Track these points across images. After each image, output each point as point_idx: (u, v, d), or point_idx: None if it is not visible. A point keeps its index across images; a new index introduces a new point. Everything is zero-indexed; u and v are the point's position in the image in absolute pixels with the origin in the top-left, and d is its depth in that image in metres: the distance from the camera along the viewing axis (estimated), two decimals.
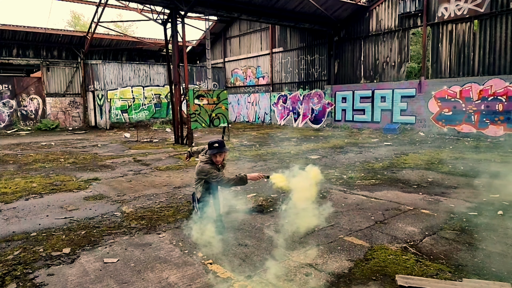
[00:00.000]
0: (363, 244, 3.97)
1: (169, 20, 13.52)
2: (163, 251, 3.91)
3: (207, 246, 3.99)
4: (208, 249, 3.92)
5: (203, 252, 3.85)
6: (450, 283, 3.14)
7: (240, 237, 4.27)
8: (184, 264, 3.60)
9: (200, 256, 3.76)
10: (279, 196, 5.83)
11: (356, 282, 3.18)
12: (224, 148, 4.39)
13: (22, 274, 3.45)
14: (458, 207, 5.25)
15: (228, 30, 25.30)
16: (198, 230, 4.28)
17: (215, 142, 4.37)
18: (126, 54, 25.04)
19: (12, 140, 16.37)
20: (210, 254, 3.80)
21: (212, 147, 4.36)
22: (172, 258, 3.73)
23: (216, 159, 4.38)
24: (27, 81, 21.60)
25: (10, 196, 6.32)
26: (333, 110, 18.97)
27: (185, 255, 3.81)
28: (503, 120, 13.02)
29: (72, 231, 4.60)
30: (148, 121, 22.56)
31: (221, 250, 3.90)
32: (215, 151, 4.33)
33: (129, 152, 11.75)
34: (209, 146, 4.41)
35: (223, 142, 4.46)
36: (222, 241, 4.12)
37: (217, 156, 4.38)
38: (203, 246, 4.01)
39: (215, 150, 4.34)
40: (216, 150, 4.34)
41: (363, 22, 17.32)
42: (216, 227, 4.37)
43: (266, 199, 5.79)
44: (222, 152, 4.38)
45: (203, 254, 3.81)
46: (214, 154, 4.34)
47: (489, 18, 13.20)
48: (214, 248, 3.94)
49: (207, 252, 3.86)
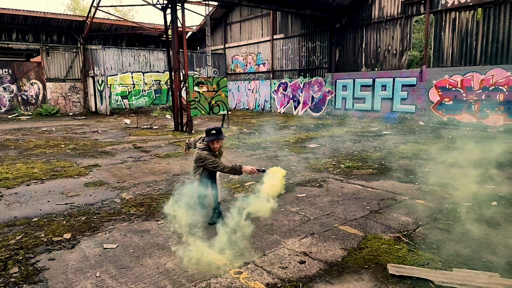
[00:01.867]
0: (357, 233, 4.06)
1: (169, 6, 13.37)
2: (161, 238, 4.00)
3: (204, 233, 4.08)
4: (205, 236, 4.00)
5: (201, 239, 3.94)
6: (440, 272, 3.23)
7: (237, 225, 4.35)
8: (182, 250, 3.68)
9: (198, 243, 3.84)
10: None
11: (348, 271, 3.26)
12: (221, 134, 4.48)
13: (24, 259, 3.55)
14: (453, 197, 5.32)
15: (229, 15, 24.99)
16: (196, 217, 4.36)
17: (213, 129, 4.46)
18: (126, 39, 24.82)
19: (13, 125, 16.42)
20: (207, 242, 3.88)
21: (209, 134, 4.44)
22: (170, 245, 3.82)
23: (213, 145, 4.47)
24: (27, 65, 21.50)
25: (11, 181, 6.41)
26: (333, 98, 18.92)
27: (182, 241, 3.90)
28: (504, 110, 13.01)
29: (72, 217, 4.69)
30: (148, 107, 22.54)
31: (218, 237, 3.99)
32: (213, 137, 4.41)
33: (129, 139, 11.80)
34: (206, 133, 4.49)
35: (220, 128, 4.55)
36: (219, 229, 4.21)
37: (215, 143, 4.46)
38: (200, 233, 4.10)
39: (212, 136, 4.42)
40: (214, 136, 4.42)
41: (365, 9, 17.10)
42: (213, 215, 4.46)
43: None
44: (219, 138, 4.46)
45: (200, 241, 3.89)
46: (211, 140, 4.42)
47: (493, 6, 13.04)
48: (211, 236, 4.02)
49: (204, 239, 3.94)
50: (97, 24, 22.15)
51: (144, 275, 3.23)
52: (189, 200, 4.63)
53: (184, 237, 4.01)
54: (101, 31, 23.15)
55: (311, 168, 7.31)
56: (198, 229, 4.18)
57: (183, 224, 4.20)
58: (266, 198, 4.15)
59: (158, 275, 3.22)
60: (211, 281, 3.09)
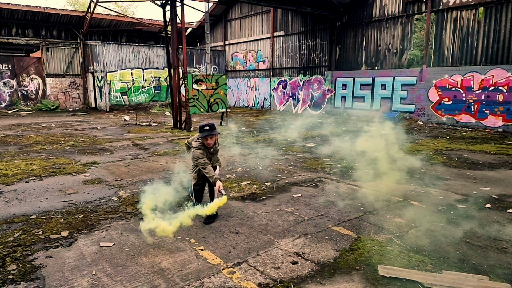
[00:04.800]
0: (350, 234, 4.11)
1: (168, 2, 13.36)
2: (157, 237, 4.06)
3: (199, 233, 4.14)
4: (200, 236, 4.07)
5: (195, 239, 4.00)
6: (430, 274, 3.28)
7: (231, 224, 4.42)
8: (177, 249, 3.75)
9: (192, 243, 3.91)
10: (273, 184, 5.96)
11: (340, 272, 3.32)
12: (214, 130, 4.52)
13: (22, 256, 3.61)
14: (447, 199, 5.37)
15: (229, 12, 24.94)
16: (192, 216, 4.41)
17: (206, 125, 4.51)
18: (125, 35, 24.79)
19: (13, 120, 16.46)
20: (202, 241, 3.95)
21: (203, 130, 4.49)
22: (165, 244, 3.88)
23: (207, 141, 4.52)
24: (27, 61, 21.50)
25: (11, 178, 6.46)
26: (333, 96, 18.93)
27: (178, 241, 3.96)
28: (503, 111, 13.03)
29: (70, 214, 4.74)
30: (147, 104, 22.56)
31: (213, 237, 4.05)
32: (206, 133, 4.46)
33: (128, 136, 11.85)
34: (200, 129, 4.54)
35: (214, 125, 4.58)
36: (214, 228, 4.27)
37: (208, 139, 4.50)
38: (195, 232, 4.16)
39: (206, 132, 4.47)
40: (207, 132, 4.46)
41: (366, 7, 17.07)
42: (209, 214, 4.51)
43: (259, 187, 5.92)
44: (212, 134, 4.49)
45: (195, 241, 3.95)
46: (205, 136, 4.47)
47: (495, 5, 13.01)
48: (206, 235, 4.08)
49: (199, 238, 4.01)
50: (97, 19, 22.13)
51: (139, 273, 3.29)
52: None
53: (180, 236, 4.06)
54: (101, 26, 23.12)
55: (308, 168, 7.36)
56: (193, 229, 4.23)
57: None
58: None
59: (152, 274, 3.28)
60: (204, 281, 3.15)
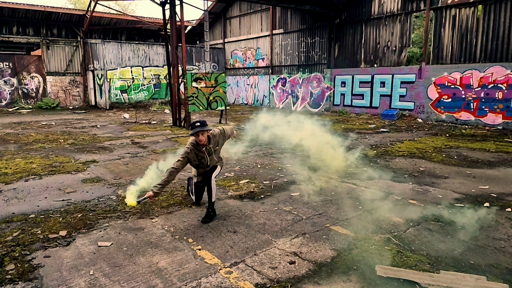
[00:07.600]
0: (348, 234, 4.12)
1: (167, 1, 13.33)
2: (155, 236, 4.07)
3: (197, 232, 4.15)
4: (198, 235, 4.07)
5: (193, 238, 4.01)
6: (428, 274, 3.29)
7: (229, 223, 4.42)
8: (174, 249, 3.76)
9: (190, 242, 3.92)
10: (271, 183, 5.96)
11: (337, 271, 3.32)
12: (205, 126, 4.45)
13: (20, 256, 3.61)
14: (446, 198, 5.37)
15: (228, 10, 24.87)
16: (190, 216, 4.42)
17: (197, 121, 4.47)
18: (125, 33, 24.77)
19: (14, 118, 16.47)
20: (200, 240, 3.95)
21: (194, 126, 4.45)
22: (163, 243, 3.89)
23: (198, 138, 4.44)
24: (27, 59, 21.50)
25: (10, 176, 6.47)
26: (332, 94, 18.91)
27: (175, 240, 3.97)
28: (502, 108, 13.01)
29: (69, 213, 4.75)
30: (147, 101, 22.55)
31: (211, 236, 4.06)
32: (197, 129, 4.40)
33: (127, 134, 11.85)
34: (191, 126, 4.52)
35: (205, 121, 4.52)
36: (212, 228, 4.28)
37: (199, 135, 4.43)
38: (193, 232, 4.17)
39: (197, 128, 4.41)
40: (198, 128, 4.40)
41: (365, 4, 17.01)
42: (207, 214, 4.52)
43: (258, 186, 5.93)
44: (203, 130, 4.42)
45: (193, 240, 3.96)
46: (196, 132, 4.41)
47: (494, 3, 12.97)
48: (203, 234, 4.09)
49: (196, 238, 4.01)
50: (97, 18, 22.10)
51: (136, 273, 3.29)
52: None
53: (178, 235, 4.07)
54: (101, 25, 23.09)
55: (306, 166, 7.36)
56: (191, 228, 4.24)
57: (177, 223, 4.25)
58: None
59: (150, 274, 3.29)
60: (201, 281, 3.16)
